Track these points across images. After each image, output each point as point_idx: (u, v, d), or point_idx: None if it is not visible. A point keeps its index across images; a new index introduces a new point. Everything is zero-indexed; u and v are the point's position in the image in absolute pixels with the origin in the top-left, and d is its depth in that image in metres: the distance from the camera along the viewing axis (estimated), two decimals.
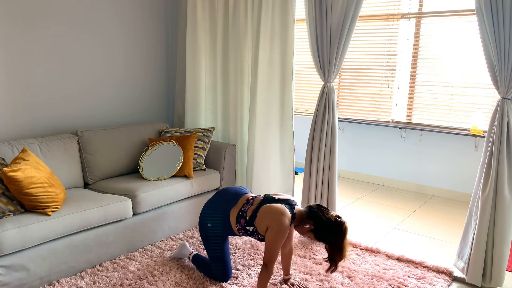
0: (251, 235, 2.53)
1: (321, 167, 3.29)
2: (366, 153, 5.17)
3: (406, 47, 4.67)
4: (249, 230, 2.51)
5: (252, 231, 2.50)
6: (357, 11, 3.03)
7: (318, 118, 3.29)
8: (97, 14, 3.67)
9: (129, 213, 3.01)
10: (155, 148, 3.51)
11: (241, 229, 2.54)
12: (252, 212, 2.49)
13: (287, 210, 2.40)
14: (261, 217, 2.44)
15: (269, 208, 2.43)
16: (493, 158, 2.57)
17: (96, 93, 3.76)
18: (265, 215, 2.42)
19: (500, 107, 2.55)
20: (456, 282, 2.81)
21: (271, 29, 3.46)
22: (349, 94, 5.13)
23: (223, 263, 2.67)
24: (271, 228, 2.37)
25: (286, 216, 2.37)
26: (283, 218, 2.35)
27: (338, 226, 2.33)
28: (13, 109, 3.22)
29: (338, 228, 2.33)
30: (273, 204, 2.45)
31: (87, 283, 2.63)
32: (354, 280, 2.74)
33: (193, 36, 3.96)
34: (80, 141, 3.35)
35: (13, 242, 2.37)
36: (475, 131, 4.26)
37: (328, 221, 2.34)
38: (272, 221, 2.37)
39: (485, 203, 2.60)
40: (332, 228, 2.33)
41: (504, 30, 2.43)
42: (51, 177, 2.70)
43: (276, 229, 2.34)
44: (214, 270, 2.68)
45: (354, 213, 4.08)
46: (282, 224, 2.33)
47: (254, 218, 2.48)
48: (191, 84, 4.04)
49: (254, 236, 2.53)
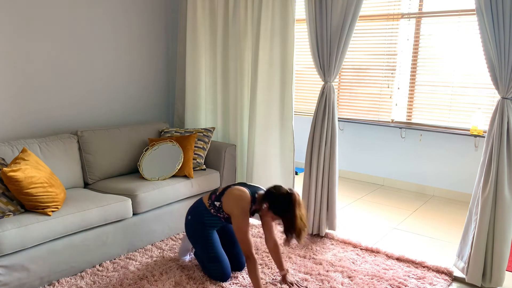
0: (218, 211, 2.66)
1: (321, 167, 3.29)
2: (366, 153, 5.17)
3: (406, 47, 4.67)
4: (217, 206, 2.66)
5: (219, 207, 2.65)
6: (357, 11, 3.03)
7: (318, 118, 3.29)
8: (97, 14, 3.67)
9: (129, 213, 3.01)
10: (155, 148, 3.51)
11: (211, 204, 2.69)
12: (222, 189, 2.69)
13: (248, 194, 2.57)
14: (226, 196, 2.63)
15: (233, 190, 2.62)
16: (493, 158, 2.57)
17: (96, 93, 3.76)
18: (229, 196, 2.61)
19: (500, 107, 2.55)
20: (456, 282, 2.81)
21: (271, 29, 3.46)
22: (349, 94, 5.13)
23: (220, 263, 2.68)
24: (233, 215, 2.56)
25: (245, 200, 2.55)
26: (241, 202, 2.54)
27: (289, 197, 2.44)
28: (14, 109, 3.22)
29: (288, 198, 2.43)
30: (238, 187, 2.63)
31: (87, 283, 2.63)
32: (354, 280, 2.74)
33: (193, 36, 3.96)
34: (80, 141, 3.35)
35: (13, 242, 2.37)
36: (475, 131, 4.26)
37: (280, 194, 2.47)
38: (233, 206, 2.56)
39: (485, 203, 2.60)
40: (283, 200, 2.44)
41: (504, 30, 2.43)
42: (51, 177, 2.70)
43: (237, 214, 2.53)
44: (213, 271, 2.69)
45: (354, 213, 4.08)
46: (240, 207, 2.53)
47: (222, 195, 2.66)
48: (191, 84, 4.04)
49: (220, 214, 2.66)
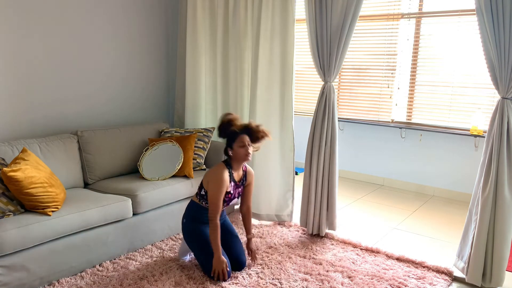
0: (203, 198, 2.74)
1: (321, 167, 3.29)
2: (366, 153, 5.17)
3: (406, 47, 4.67)
4: (203, 194, 2.74)
5: (204, 194, 2.73)
6: (357, 11, 3.03)
7: (318, 118, 3.29)
8: (97, 14, 3.67)
9: (129, 213, 3.01)
10: (155, 148, 3.51)
11: (199, 196, 2.77)
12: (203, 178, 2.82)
13: (221, 164, 2.71)
14: (204, 177, 2.76)
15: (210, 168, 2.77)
16: (493, 158, 2.57)
17: (96, 93, 3.76)
18: (205, 175, 2.75)
19: (500, 107, 2.55)
20: (456, 282, 2.81)
21: (271, 29, 3.46)
22: (349, 94, 5.13)
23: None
24: (209, 181, 2.67)
25: (220, 169, 2.67)
26: (218, 171, 2.66)
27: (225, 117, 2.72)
28: (14, 109, 3.22)
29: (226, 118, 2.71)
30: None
31: (87, 283, 2.63)
32: (354, 280, 2.74)
33: (193, 36, 3.96)
34: (80, 141, 3.35)
35: (13, 242, 2.37)
36: (475, 131, 4.26)
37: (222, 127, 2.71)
38: (210, 176, 2.69)
39: (485, 203, 2.60)
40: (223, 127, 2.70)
41: (504, 30, 2.43)
42: (51, 177, 2.70)
43: (213, 181, 2.64)
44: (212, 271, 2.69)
45: (354, 213, 4.09)
46: (217, 175, 2.64)
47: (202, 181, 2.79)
48: (191, 84, 4.04)
49: (206, 200, 2.73)
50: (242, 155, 2.66)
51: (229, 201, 2.78)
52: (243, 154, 2.65)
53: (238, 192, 2.84)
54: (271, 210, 3.68)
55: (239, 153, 2.65)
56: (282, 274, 2.80)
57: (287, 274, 2.80)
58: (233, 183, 2.75)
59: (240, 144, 2.65)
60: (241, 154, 2.65)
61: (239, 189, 2.84)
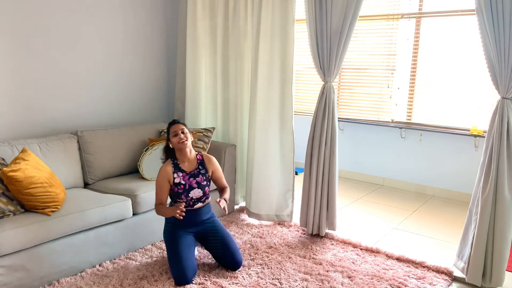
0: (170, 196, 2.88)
1: (321, 167, 3.29)
2: (366, 153, 5.17)
3: (406, 47, 4.67)
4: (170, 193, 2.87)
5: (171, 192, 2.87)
6: (357, 11, 3.03)
7: (318, 118, 3.29)
8: (97, 14, 3.67)
9: (129, 213, 3.01)
10: (155, 148, 3.51)
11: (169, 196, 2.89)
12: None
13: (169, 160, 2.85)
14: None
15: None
16: (493, 158, 2.57)
17: (96, 93, 3.76)
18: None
19: (500, 107, 2.55)
20: (456, 282, 2.81)
21: (271, 29, 3.46)
22: (349, 94, 5.13)
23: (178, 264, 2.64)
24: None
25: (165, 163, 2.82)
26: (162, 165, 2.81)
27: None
28: (13, 109, 3.22)
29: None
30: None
31: (87, 283, 2.63)
32: (354, 280, 2.74)
33: (193, 36, 3.96)
34: (80, 141, 3.35)
35: (13, 242, 2.37)
36: (475, 131, 4.26)
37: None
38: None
39: (485, 203, 2.60)
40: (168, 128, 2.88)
41: (504, 30, 2.43)
42: (51, 177, 2.70)
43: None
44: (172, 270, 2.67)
45: (354, 213, 4.09)
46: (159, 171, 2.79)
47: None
48: (191, 84, 4.04)
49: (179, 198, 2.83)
50: (176, 143, 2.79)
51: (186, 191, 2.77)
52: (176, 142, 2.78)
53: (198, 182, 2.81)
54: (271, 210, 3.68)
55: (173, 143, 2.80)
56: (282, 274, 2.80)
57: (287, 274, 2.80)
58: (182, 173, 2.78)
59: (172, 134, 2.80)
60: (175, 143, 2.79)
61: (198, 179, 2.82)
